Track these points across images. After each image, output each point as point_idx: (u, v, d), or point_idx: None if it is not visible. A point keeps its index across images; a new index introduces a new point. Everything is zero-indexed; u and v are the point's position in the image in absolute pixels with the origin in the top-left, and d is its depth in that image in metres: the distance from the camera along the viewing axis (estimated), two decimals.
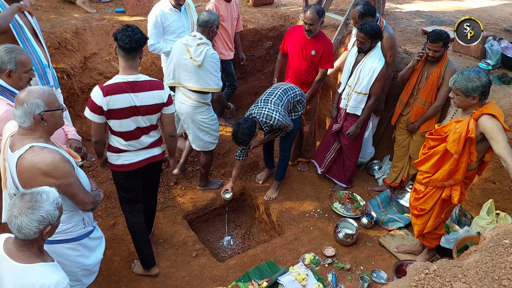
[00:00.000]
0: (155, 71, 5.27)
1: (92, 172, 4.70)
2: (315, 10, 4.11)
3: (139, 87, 3.00)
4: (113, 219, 4.33)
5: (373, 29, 3.86)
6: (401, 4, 7.13)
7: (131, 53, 2.91)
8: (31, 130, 2.28)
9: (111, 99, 2.92)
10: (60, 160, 2.29)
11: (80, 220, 2.57)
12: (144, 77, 3.05)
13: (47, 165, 2.23)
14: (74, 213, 2.52)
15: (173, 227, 4.29)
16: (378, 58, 4.02)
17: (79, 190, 2.41)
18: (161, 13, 4.24)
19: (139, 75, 3.02)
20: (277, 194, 4.66)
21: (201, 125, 4.17)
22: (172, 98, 3.21)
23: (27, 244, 1.92)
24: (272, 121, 3.89)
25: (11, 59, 2.76)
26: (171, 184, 4.80)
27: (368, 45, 3.97)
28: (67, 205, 2.43)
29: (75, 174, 2.39)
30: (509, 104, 3.89)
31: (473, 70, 2.89)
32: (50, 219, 1.90)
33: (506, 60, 4.47)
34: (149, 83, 3.05)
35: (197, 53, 3.78)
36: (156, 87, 3.08)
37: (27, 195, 1.89)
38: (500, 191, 3.99)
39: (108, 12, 5.63)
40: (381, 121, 4.98)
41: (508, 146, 2.75)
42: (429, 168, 3.19)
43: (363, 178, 5.06)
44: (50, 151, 2.27)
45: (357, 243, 4.09)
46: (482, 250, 2.22)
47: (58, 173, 2.26)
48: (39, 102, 2.24)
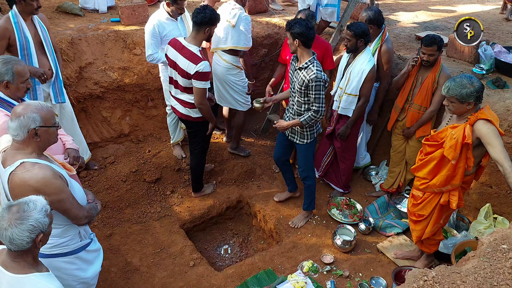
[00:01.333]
0: (151, 80, 5.27)
1: (88, 182, 4.68)
2: (305, 15, 4.14)
3: (183, 51, 3.76)
4: (110, 229, 4.30)
5: (359, 28, 3.91)
6: (395, 10, 7.17)
7: (196, 26, 3.73)
8: (23, 145, 2.27)
9: (168, 47, 3.92)
10: (51, 177, 2.26)
11: (75, 234, 2.55)
12: (192, 48, 3.74)
13: (37, 181, 2.20)
14: (69, 227, 2.49)
15: (170, 237, 4.26)
16: (367, 60, 4.06)
17: (72, 205, 2.37)
18: (158, 23, 4.24)
19: (191, 45, 3.75)
20: (304, 223, 4.36)
21: (233, 86, 4.79)
22: (200, 74, 3.70)
23: (21, 254, 1.90)
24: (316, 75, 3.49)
25: (8, 70, 2.77)
26: (168, 193, 4.78)
27: (353, 43, 3.99)
28: (61, 220, 2.40)
29: (67, 190, 2.35)
30: (503, 108, 3.90)
31: (464, 76, 2.90)
32: (41, 227, 1.88)
33: (500, 65, 4.50)
34: (190, 53, 3.73)
35: (231, 15, 4.44)
36: (191, 59, 3.70)
37: (14, 206, 1.87)
38: (497, 195, 4.00)
39: (103, 22, 5.64)
40: (377, 127, 4.99)
41: (504, 151, 2.75)
42: (427, 174, 3.19)
43: (360, 183, 5.06)
44: (41, 167, 2.25)
45: (355, 249, 4.08)
46: (480, 256, 2.21)
47: (49, 190, 2.23)
48: (36, 116, 2.24)
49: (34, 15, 3.84)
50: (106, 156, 5.03)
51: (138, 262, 3.99)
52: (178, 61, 3.79)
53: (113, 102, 5.25)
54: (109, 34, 5.25)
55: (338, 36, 5.23)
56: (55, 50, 4.13)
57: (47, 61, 4.00)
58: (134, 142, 5.37)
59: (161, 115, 5.45)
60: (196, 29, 3.74)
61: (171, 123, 4.88)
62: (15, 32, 3.74)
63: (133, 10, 5.61)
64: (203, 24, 3.69)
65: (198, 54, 3.71)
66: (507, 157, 2.73)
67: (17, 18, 3.75)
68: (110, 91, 5.15)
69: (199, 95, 3.83)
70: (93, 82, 5.00)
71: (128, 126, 5.40)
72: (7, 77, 2.77)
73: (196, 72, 3.68)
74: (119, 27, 5.51)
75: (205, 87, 3.81)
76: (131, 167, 4.86)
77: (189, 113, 4.07)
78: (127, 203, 4.64)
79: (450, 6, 7.56)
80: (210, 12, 3.69)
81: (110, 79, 5.08)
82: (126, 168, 4.85)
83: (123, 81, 5.17)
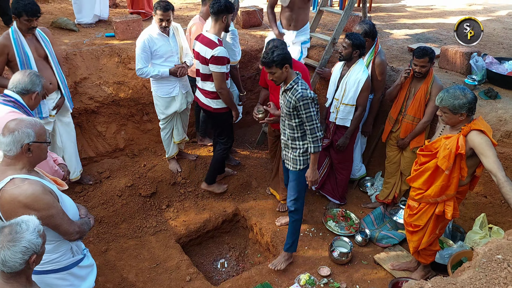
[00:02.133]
0: (146, 94, 5.29)
1: (84, 197, 4.66)
2: (276, 42, 3.97)
3: (203, 40, 4.09)
4: (105, 244, 4.27)
5: (357, 39, 3.98)
6: (387, 23, 7.26)
7: (214, 16, 4.02)
8: (15, 160, 2.26)
9: (195, 42, 4.21)
10: (41, 192, 2.25)
11: (67, 250, 2.53)
12: (211, 36, 4.04)
13: (27, 197, 2.19)
14: (61, 243, 2.47)
15: (165, 251, 4.24)
16: (362, 70, 4.12)
17: (62, 221, 2.36)
18: (149, 38, 4.27)
19: (211, 34, 4.05)
20: (284, 266, 3.93)
21: None
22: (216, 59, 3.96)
23: (14, 276, 1.87)
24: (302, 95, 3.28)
25: (40, 82, 3.03)
26: (163, 207, 4.77)
27: (348, 52, 4.05)
28: (52, 235, 2.38)
29: (57, 205, 2.34)
30: (496, 118, 3.94)
31: (458, 87, 2.93)
32: (34, 248, 1.86)
33: (492, 75, 4.55)
34: (208, 40, 4.04)
35: None
36: (208, 45, 4.01)
37: (6, 228, 1.84)
38: (492, 205, 4.02)
39: (98, 37, 5.67)
40: (372, 138, 5.02)
41: (497, 161, 2.77)
42: (422, 185, 3.20)
43: (356, 195, 5.06)
44: (31, 183, 2.24)
45: (352, 261, 4.07)
46: (475, 266, 2.21)
47: (39, 205, 2.22)
48: (30, 132, 2.24)
49: (31, 32, 3.87)
50: (101, 171, 5.01)
51: (134, 278, 3.96)
52: (200, 50, 4.10)
53: (108, 116, 5.25)
54: (103, 49, 5.28)
55: (331, 49, 5.28)
56: (59, 63, 4.18)
57: (52, 75, 4.05)
58: (130, 156, 5.37)
59: (156, 129, 5.45)
60: (215, 19, 4.04)
61: (165, 138, 4.88)
62: (13, 47, 3.78)
63: (128, 25, 5.65)
64: (220, 13, 3.98)
65: (215, 41, 4.03)
66: (501, 167, 2.75)
67: (16, 34, 3.79)
68: (105, 106, 5.15)
69: (218, 79, 4.09)
70: (88, 97, 5.01)
71: (123, 141, 5.40)
72: (38, 88, 3.00)
73: (212, 56, 3.96)
74: (114, 41, 5.55)
75: (222, 71, 4.06)
76: (127, 181, 4.85)
77: (209, 104, 4.34)
78: (123, 218, 4.62)
79: (441, 18, 7.66)
80: (224, 1, 3.99)
81: (105, 93, 5.10)
82: (121, 182, 4.84)
83: (118, 96, 5.18)
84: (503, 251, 2.27)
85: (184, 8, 7.57)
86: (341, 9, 6.75)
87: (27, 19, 3.71)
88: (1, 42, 3.76)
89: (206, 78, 4.24)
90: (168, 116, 4.70)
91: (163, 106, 4.64)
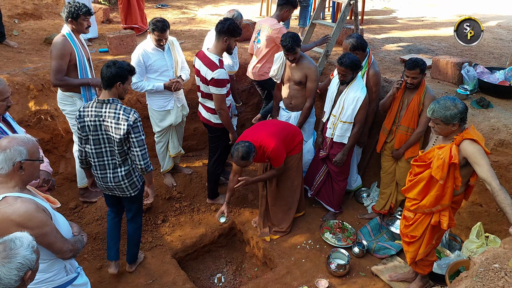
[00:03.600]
0: (140, 108, 5.28)
1: (78, 214, 4.62)
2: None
3: (204, 60, 4.10)
4: (100, 261, 4.22)
5: (353, 61, 3.98)
6: (379, 35, 7.35)
7: (216, 35, 4.09)
8: (7, 178, 2.24)
9: (195, 58, 4.25)
10: (34, 210, 2.22)
11: (61, 268, 2.49)
12: (212, 57, 4.06)
13: (20, 216, 2.17)
14: (54, 261, 2.44)
15: (161, 267, 4.19)
16: (361, 88, 4.12)
17: (56, 239, 2.33)
18: (144, 53, 4.28)
19: (212, 54, 4.07)
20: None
21: None
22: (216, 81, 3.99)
23: None
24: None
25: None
26: (159, 222, 4.73)
27: (350, 76, 4.08)
28: (45, 254, 2.35)
29: (51, 223, 2.31)
30: (488, 127, 3.97)
31: (448, 98, 2.96)
32: (29, 264, 1.83)
33: (483, 85, 4.60)
34: (209, 61, 4.05)
35: None
36: (209, 65, 4.03)
37: (0, 245, 1.82)
38: (488, 214, 4.02)
39: (92, 52, 5.68)
40: (366, 148, 5.04)
41: (491, 169, 2.79)
42: (417, 195, 3.21)
43: (352, 206, 5.05)
44: (23, 201, 2.21)
45: (350, 273, 4.04)
46: (473, 276, 2.21)
47: (32, 224, 2.19)
48: (22, 149, 2.22)
49: (82, 33, 4.14)
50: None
51: None
52: (200, 69, 4.14)
53: None
54: (97, 64, 5.29)
55: (324, 61, 5.32)
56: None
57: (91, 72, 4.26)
58: None
59: (150, 143, 5.41)
60: (216, 38, 4.10)
61: (160, 151, 4.88)
62: (74, 49, 3.98)
63: (121, 40, 5.68)
64: (222, 33, 4.03)
65: (216, 62, 4.04)
66: (494, 175, 2.76)
67: (72, 37, 4.00)
68: None
69: (218, 100, 4.16)
70: None
71: None
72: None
73: (212, 78, 4.01)
74: (107, 56, 5.57)
75: (221, 93, 4.10)
76: None
77: (210, 118, 4.41)
78: None
79: (432, 29, 7.77)
80: (229, 23, 4.00)
81: None
82: None
83: None
84: (500, 260, 2.27)
85: (177, 23, 7.63)
86: (333, 22, 6.82)
87: (85, 18, 3.99)
88: (65, 43, 3.94)
89: (206, 96, 4.30)
90: (163, 129, 4.70)
91: (158, 119, 4.64)
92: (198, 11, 8.70)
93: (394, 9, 9.60)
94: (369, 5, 9.74)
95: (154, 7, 8.83)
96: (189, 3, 9.47)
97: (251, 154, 3.78)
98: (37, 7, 7.07)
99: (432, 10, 9.45)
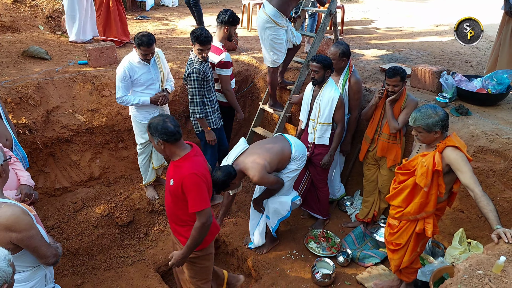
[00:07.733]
0: (121, 121, 5.22)
1: (58, 229, 4.51)
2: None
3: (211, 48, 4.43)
4: (81, 277, 4.11)
5: (326, 59, 4.11)
6: (359, 45, 7.44)
7: (217, 24, 4.57)
8: None
9: None
10: (21, 213, 2.21)
11: (43, 277, 2.46)
12: (217, 43, 4.56)
13: (7, 219, 2.14)
14: (37, 269, 2.41)
15: (145, 282, 4.10)
16: (334, 88, 4.21)
17: (41, 242, 2.31)
18: (129, 66, 4.22)
19: (216, 41, 4.57)
20: None
21: (268, 41, 4.87)
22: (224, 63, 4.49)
23: None
24: None
25: None
26: (141, 236, 4.65)
27: (321, 75, 4.15)
28: (29, 261, 2.32)
29: (36, 226, 2.30)
30: (468, 134, 4.03)
31: (429, 106, 3.00)
32: (6, 277, 1.80)
33: (461, 93, 4.67)
34: (214, 47, 4.51)
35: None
36: (214, 51, 4.52)
37: None
38: (469, 220, 4.07)
39: (70, 65, 5.60)
40: (349, 157, 5.06)
41: (473, 176, 2.82)
42: (401, 202, 3.22)
43: (336, 214, 5.05)
44: (8, 205, 2.20)
45: (335, 282, 4.03)
46: (457, 283, 2.21)
47: (20, 226, 2.17)
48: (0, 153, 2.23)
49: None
50: (75, 200, 4.87)
51: None
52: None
53: (82, 145, 5.14)
54: (76, 77, 5.22)
55: (306, 71, 5.35)
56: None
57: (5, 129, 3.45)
58: (105, 185, 5.24)
59: (132, 155, 5.37)
60: (218, 27, 4.58)
61: (142, 163, 4.80)
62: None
63: (101, 52, 5.60)
64: (222, 23, 4.52)
65: (220, 47, 4.57)
66: (477, 182, 2.79)
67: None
68: (79, 134, 5.06)
69: (224, 81, 4.63)
70: (61, 125, 4.91)
71: (98, 169, 5.29)
72: None
73: (220, 61, 4.48)
74: (87, 68, 5.49)
75: (228, 74, 4.59)
76: (102, 211, 4.72)
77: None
78: (99, 248, 4.48)
79: (410, 38, 7.91)
80: (229, 14, 4.48)
81: (79, 122, 5.00)
82: (97, 212, 4.71)
83: (92, 123, 5.09)
84: (484, 266, 2.28)
85: (158, 34, 7.59)
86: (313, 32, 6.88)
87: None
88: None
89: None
90: (147, 141, 4.64)
91: (142, 131, 4.58)
92: (179, 23, 8.69)
93: (373, 19, 9.75)
94: (349, 15, 9.88)
95: (134, 18, 8.79)
96: (170, 15, 9.46)
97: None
98: (14, 19, 6.95)
99: (410, 20, 9.64)
